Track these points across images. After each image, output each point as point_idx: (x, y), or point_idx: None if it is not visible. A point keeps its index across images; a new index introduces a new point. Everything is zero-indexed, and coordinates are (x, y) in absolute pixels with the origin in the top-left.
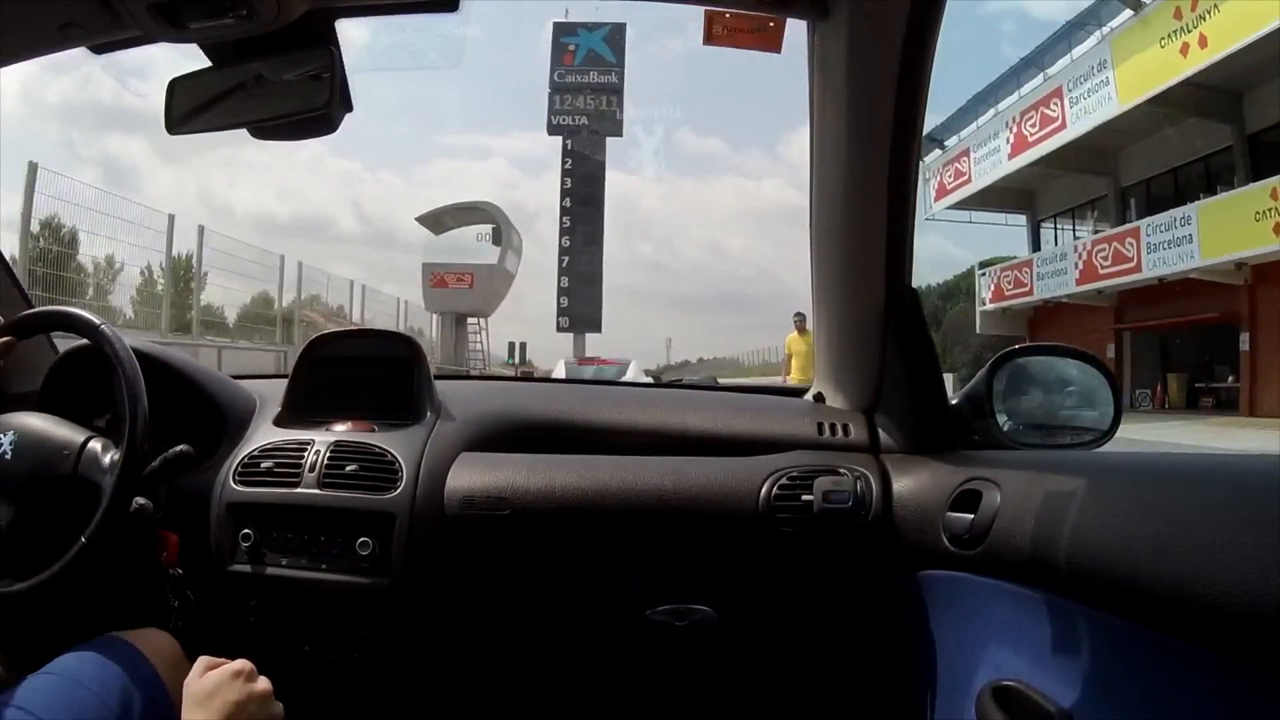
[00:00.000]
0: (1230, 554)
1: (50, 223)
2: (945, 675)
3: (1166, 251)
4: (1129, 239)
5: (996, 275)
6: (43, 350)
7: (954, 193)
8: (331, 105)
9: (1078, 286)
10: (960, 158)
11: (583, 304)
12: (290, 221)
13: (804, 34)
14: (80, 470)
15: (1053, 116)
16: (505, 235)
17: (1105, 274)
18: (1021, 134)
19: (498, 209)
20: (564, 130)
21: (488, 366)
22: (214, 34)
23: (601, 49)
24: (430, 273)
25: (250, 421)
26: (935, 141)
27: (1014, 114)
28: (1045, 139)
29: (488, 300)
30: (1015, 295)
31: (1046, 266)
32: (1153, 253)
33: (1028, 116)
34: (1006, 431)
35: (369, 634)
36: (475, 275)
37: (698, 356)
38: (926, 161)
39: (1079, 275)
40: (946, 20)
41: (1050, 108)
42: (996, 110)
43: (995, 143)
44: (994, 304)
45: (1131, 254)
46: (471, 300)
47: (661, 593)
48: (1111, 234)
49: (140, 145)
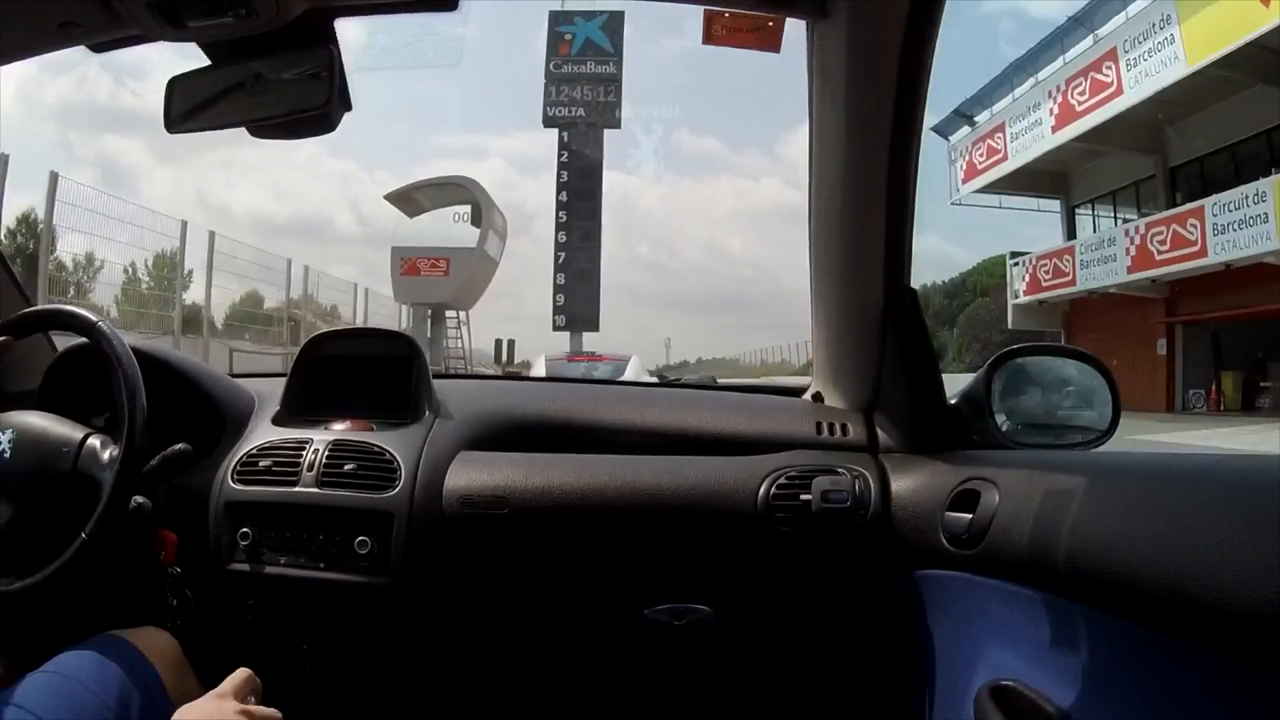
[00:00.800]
0: (1229, 554)
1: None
2: (943, 675)
3: (1237, 233)
4: (1191, 220)
5: (1032, 265)
6: (41, 349)
7: (986, 173)
8: (330, 104)
9: (1129, 274)
10: (994, 134)
11: (580, 302)
12: (288, 222)
13: (803, 34)
14: (80, 467)
15: (1106, 82)
16: (486, 214)
17: (1163, 260)
18: (1068, 103)
19: (477, 184)
20: (560, 122)
21: (470, 366)
22: (213, 33)
23: (599, 38)
24: (400, 258)
25: (249, 420)
26: (964, 117)
27: (1059, 82)
28: (1097, 107)
29: (467, 290)
30: (1055, 286)
31: (1092, 253)
32: (1220, 235)
33: (1075, 83)
34: (1005, 431)
35: (367, 633)
36: (452, 261)
37: (697, 357)
38: (953, 141)
39: (1131, 262)
40: (945, 20)
41: (1103, 72)
42: (1037, 79)
43: (1037, 114)
44: (1029, 296)
45: (1194, 236)
46: (448, 289)
47: (660, 592)
48: (1170, 215)
49: (137, 145)
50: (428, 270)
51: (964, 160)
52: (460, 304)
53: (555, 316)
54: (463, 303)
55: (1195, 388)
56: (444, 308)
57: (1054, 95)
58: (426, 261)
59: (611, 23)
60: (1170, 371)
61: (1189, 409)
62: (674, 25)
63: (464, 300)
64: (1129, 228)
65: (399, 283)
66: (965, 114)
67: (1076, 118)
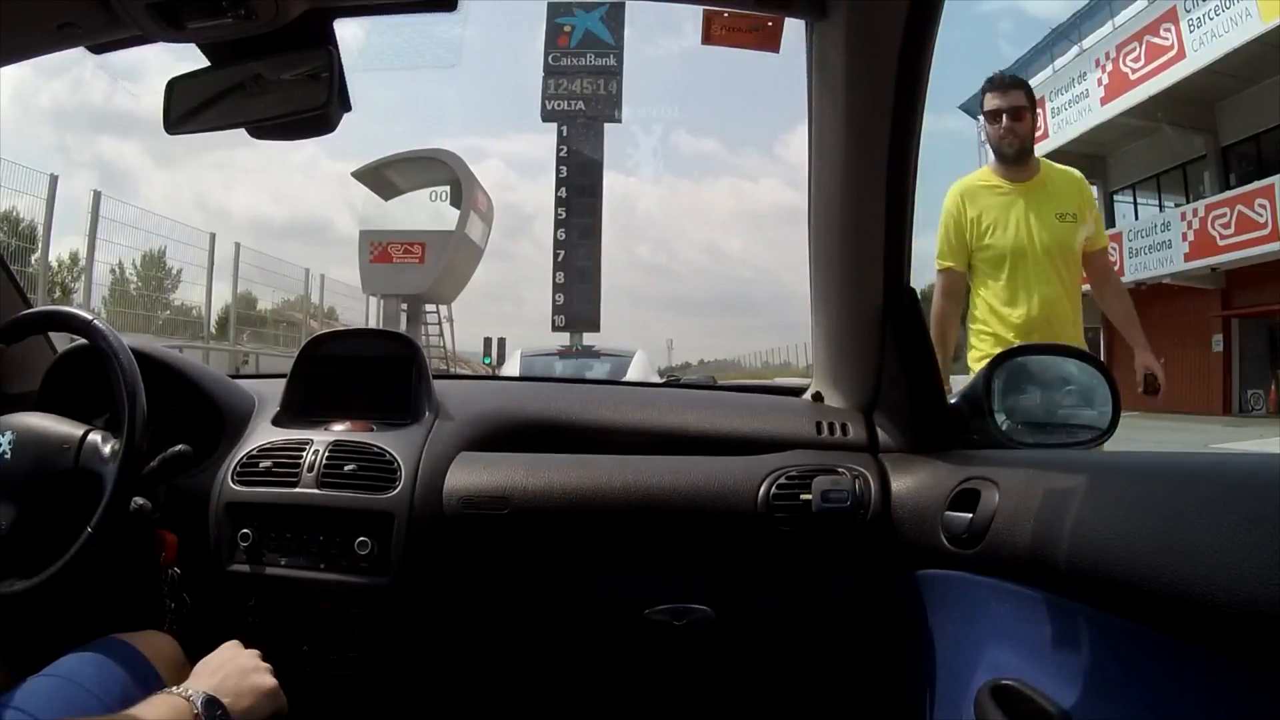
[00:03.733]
0: (1229, 553)
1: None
2: (943, 674)
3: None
4: (1259, 200)
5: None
6: (40, 351)
7: None
8: (330, 105)
9: (1187, 263)
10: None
11: (580, 302)
12: (286, 224)
13: (803, 34)
14: (82, 463)
15: (1164, 45)
16: (466, 193)
17: (1227, 245)
18: (1120, 72)
19: (457, 158)
20: (559, 116)
21: (452, 367)
22: (212, 34)
23: (599, 30)
24: (369, 243)
25: (249, 421)
26: None
27: (1108, 48)
28: (1154, 74)
29: (447, 279)
30: None
31: (1142, 240)
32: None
33: (1128, 49)
34: (1005, 430)
35: (367, 634)
36: (428, 245)
37: (699, 359)
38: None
39: (1189, 248)
40: (944, 20)
41: (1161, 34)
42: (1081, 47)
43: (1083, 85)
44: None
45: (1264, 218)
46: (424, 278)
47: (660, 592)
48: (1234, 195)
49: (134, 149)
50: (400, 256)
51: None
52: (439, 296)
53: (555, 317)
54: (442, 294)
55: (1253, 388)
56: (420, 300)
57: (1103, 63)
58: (399, 246)
59: (612, 14)
60: (1227, 370)
61: (1247, 410)
62: (672, 25)
63: (444, 291)
64: (1185, 211)
65: (368, 271)
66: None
67: (1130, 87)
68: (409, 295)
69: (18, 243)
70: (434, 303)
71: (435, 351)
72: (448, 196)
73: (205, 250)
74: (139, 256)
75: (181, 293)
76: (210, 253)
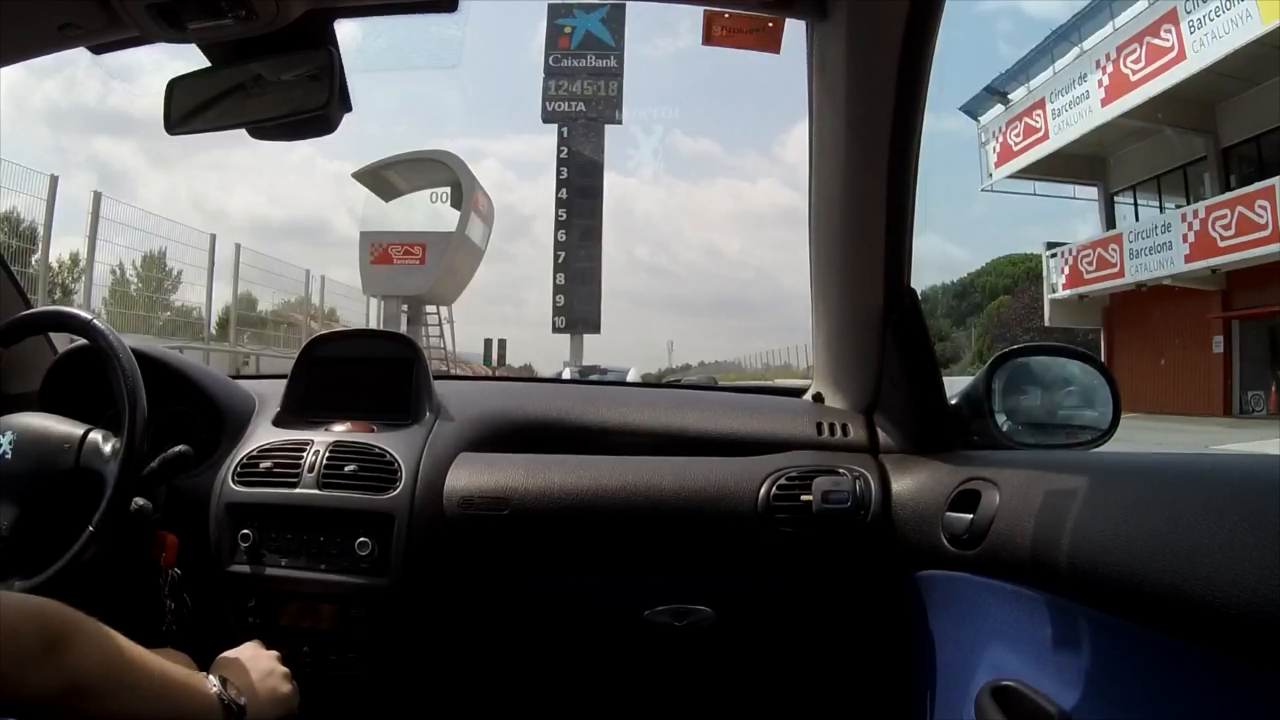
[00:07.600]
0: (1229, 554)
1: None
2: (944, 675)
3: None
4: (1260, 201)
5: (1072, 256)
6: (41, 351)
7: (1023, 154)
8: (330, 105)
9: (1187, 264)
10: (1032, 111)
11: (580, 303)
12: (285, 225)
13: (803, 34)
14: (83, 462)
15: (1165, 46)
16: (467, 194)
17: (1227, 246)
18: (1120, 73)
19: (457, 159)
20: (559, 117)
21: (452, 368)
22: (212, 34)
23: (599, 31)
24: (369, 244)
25: (249, 422)
26: (997, 94)
27: (1108, 49)
28: (1154, 76)
29: (448, 280)
30: (1099, 278)
31: (1142, 241)
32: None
33: (1128, 50)
34: (1006, 431)
35: (368, 634)
36: (429, 246)
37: (699, 360)
38: (984, 121)
39: (1190, 250)
40: (945, 20)
41: (1161, 36)
42: (1082, 48)
43: (1083, 87)
44: (1068, 290)
45: (1264, 220)
46: (425, 279)
47: (660, 593)
48: (1234, 196)
49: (130, 149)
50: (401, 258)
51: (997, 142)
52: (440, 297)
53: (555, 318)
54: (443, 296)
55: (1254, 389)
56: (421, 301)
57: (1103, 65)
58: (400, 248)
59: (612, 16)
60: (1227, 371)
61: (1248, 412)
62: (671, 27)
63: (444, 293)
64: (1185, 212)
65: (368, 272)
66: (999, 90)
67: (1131, 88)
68: (409, 296)
69: (18, 243)
70: (434, 304)
71: (435, 353)
72: (448, 198)
73: (205, 251)
74: (139, 257)
75: (182, 294)
76: (211, 254)
